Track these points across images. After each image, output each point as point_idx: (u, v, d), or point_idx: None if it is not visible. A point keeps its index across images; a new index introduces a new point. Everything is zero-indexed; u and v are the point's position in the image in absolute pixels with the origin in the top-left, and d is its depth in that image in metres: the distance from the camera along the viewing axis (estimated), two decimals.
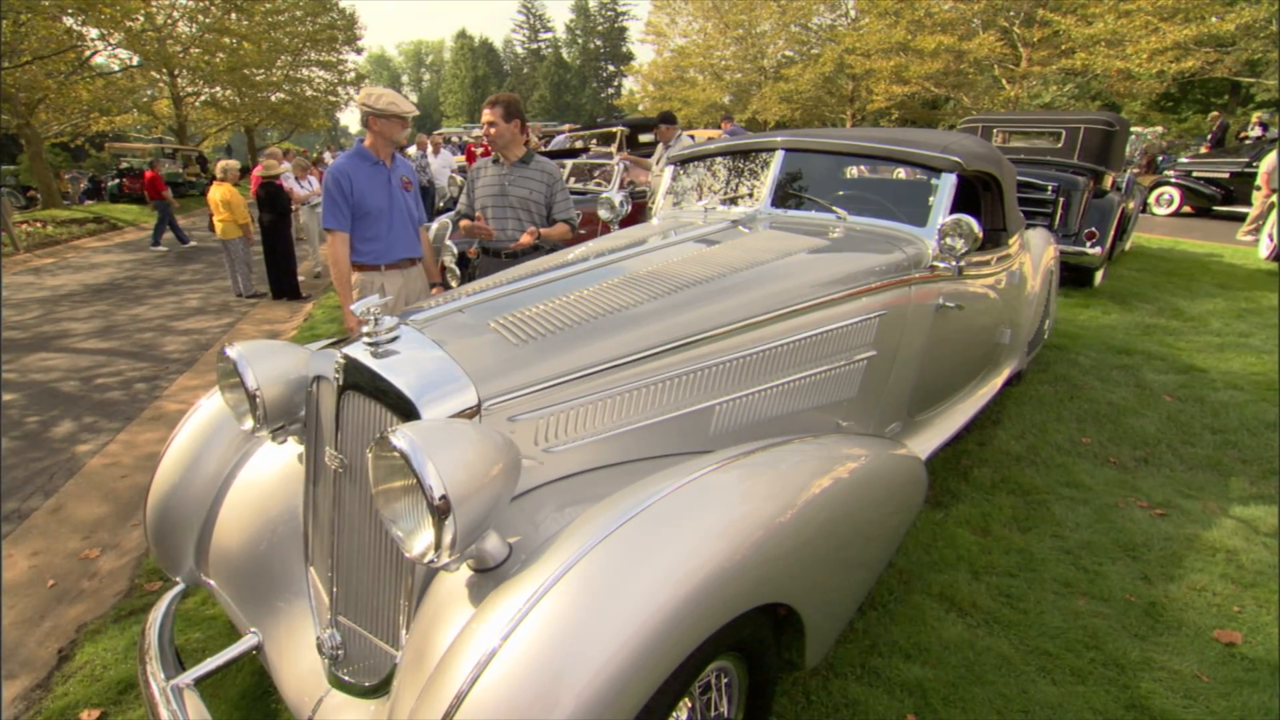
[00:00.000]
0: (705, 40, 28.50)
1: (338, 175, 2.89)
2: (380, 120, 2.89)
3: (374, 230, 3.00)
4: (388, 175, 3.01)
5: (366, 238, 3.00)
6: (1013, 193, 3.36)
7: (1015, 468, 3.15)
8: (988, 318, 3.13)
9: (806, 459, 1.69)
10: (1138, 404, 3.85)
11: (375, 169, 2.97)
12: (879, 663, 2.00)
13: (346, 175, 2.88)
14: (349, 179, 2.88)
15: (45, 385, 5.02)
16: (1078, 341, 4.95)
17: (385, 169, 3.00)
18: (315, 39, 24.54)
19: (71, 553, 2.94)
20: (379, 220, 2.97)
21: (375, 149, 2.96)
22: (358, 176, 2.90)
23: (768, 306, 1.99)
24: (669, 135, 6.12)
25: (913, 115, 24.35)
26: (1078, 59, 16.13)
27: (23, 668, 2.29)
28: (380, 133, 2.93)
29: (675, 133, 6.14)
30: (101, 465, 3.73)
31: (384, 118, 2.88)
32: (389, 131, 2.93)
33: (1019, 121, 7.45)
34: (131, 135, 24.79)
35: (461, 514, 1.13)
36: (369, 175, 2.94)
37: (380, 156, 2.97)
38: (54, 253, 11.86)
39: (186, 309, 7.40)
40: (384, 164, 2.99)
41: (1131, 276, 7.09)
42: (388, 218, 3.00)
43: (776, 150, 2.92)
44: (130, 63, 17.32)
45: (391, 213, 3.02)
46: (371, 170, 2.95)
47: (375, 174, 2.96)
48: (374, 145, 2.96)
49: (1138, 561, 2.47)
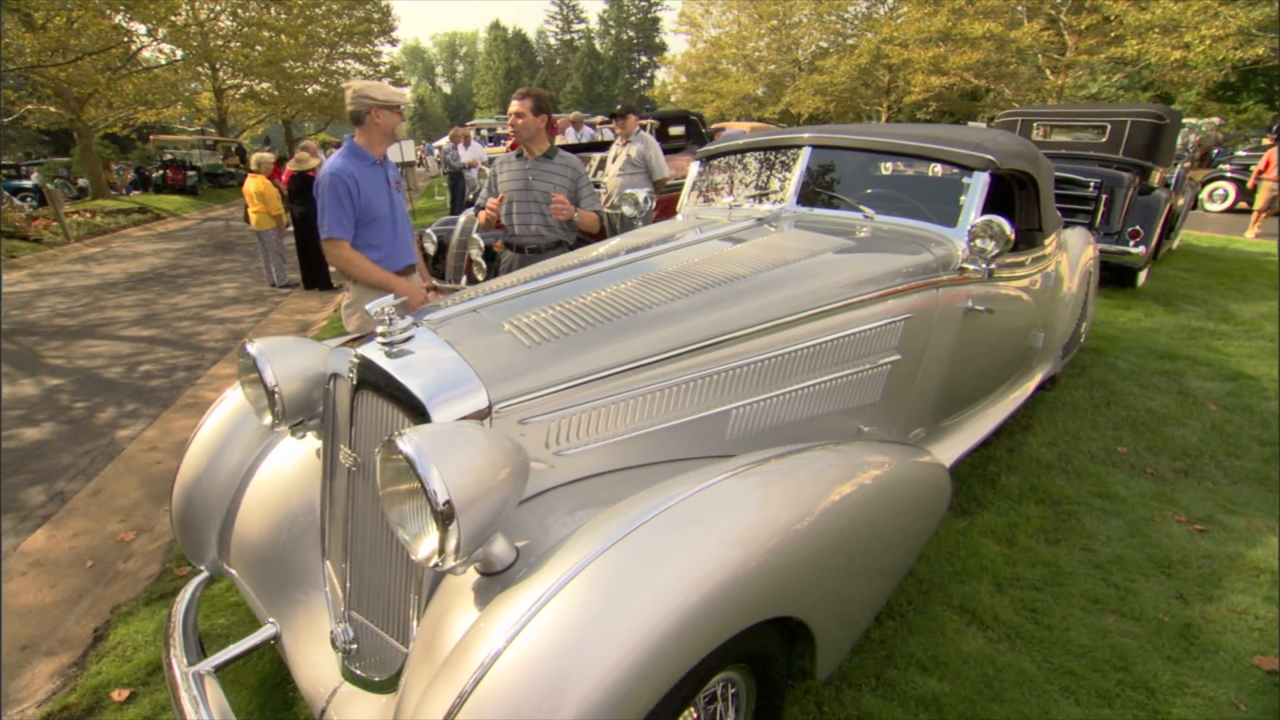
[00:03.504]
0: (739, 31, 28.18)
1: (343, 178, 2.59)
2: (383, 112, 2.66)
3: (379, 237, 2.76)
4: (385, 175, 2.79)
5: (372, 245, 2.75)
6: (1050, 191, 3.23)
7: (1045, 476, 3.05)
8: (1020, 320, 3.03)
9: (825, 466, 1.66)
10: (1180, 412, 3.69)
11: (374, 170, 2.73)
12: (894, 675, 1.96)
13: (351, 177, 2.61)
14: (354, 180, 2.62)
15: (90, 371, 5.22)
16: (1117, 345, 4.77)
17: (382, 169, 2.78)
18: (351, 32, 24.93)
19: (109, 535, 3.06)
20: (384, 226, 2.75)
21: (370, 146, 2.72)
22: (361, 178, 2.65)
23: (789, 309, 1.95)
24: (631, 128, 5.42)
25: (951, 107, 23.74)
26: (1129, 47, 15.47)
27: (62, 645, 2.39)
28: (381, 125, 2.68)
29: (635, 126, 5.46)
30: (139, 450, 3.87)
31: (387, 109, 2.66)
32: (389, 123, 2.70)
33: (1061, 115, 7.18)
34: (175, 127, 25.56)
35: (466, 519, 1.13)
36: (370, 176, 2.70)
37: (375, 154, 2.74)
38: (101, 242, 12.33)
39: (223, 298, 7.62)
40: (379, 163, 2.76)
41: (1178, 277, 6.80)
42: (391, 222, 2.79)
43: (803, 147, 2.87)
44: (174, 57, 17.81)
45: (395, 217, 2.81)
46: (371, 170, 2.71)
47: (375, 175, 2.73)
48: (369, 142, 2.71)
49: (1173, 579, 2.37)
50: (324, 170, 2.65)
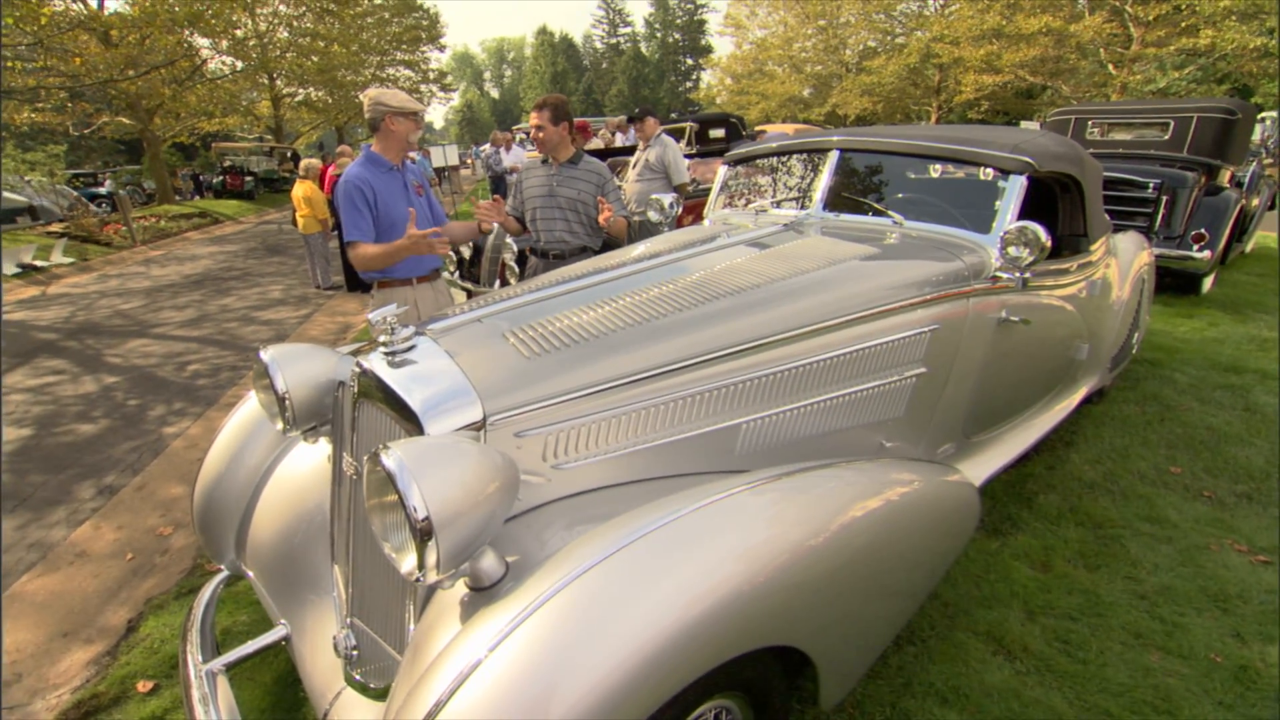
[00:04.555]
0: (785, 32, 27.88)
1: (359, 184, 2.63)
2: (398, 119, 2.67)
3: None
4: (403, 181, 2.80)
5: None
6: (1097, 194, 3.05)
7: (1088, 496, 2.87)
8: (1062, 331, 2.86)
9: (842, 484, 1.59)
10: (1244, 430, 3.43)
11: (391, 176, 2.74)
12: (911, 705, 1.86)
13: (368, 184, 2.65)
14: (370, 188, 2.65)
15: (144, 369, 5.49)
16: (1175, 356, 4.47)
17: (399, 174, 2.79)
18: (401, 39, 25.68)
19: (150, 529, 3.19)
20: (403, 231, 2.69)
21: (387, 153, 2.74)
22: (377, 184, 2.68)
23: (806, 319, 1.88)
24: (651, 132, 5.24)
25: (1004, 106, 22.89)
26: (1203, 36, 14.56)
27: (100, 634, 2.50)
28: (397, 133, 2.70)
29: (658, 129, 5.28)
30: (182, 447, 4.03)
31: (402, 115, 2.67)
32: (406, 131, 2.71)
33: (1117, 112, 6.80)
34: (236, 135, 26.78)
35: (446, 536, 1.12)
36: (387, 183, 2.72)
37: (392, 161, 2.76)
38: (164, 245, 12.99)
39: (270, 299, 7.91)
40: (397, 169, 2.78)
41: (1249, 283, 6.35)
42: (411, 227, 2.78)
43: (831, 150, 2.78)
44: (235, 68, 18.69)
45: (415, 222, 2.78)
46: (388, 177, 2.73)
47: (392, 181, 2.75)
48: (385, 149, 2.73)
49: (1229, 615, 2.18)
50: (341, 179, 2.71)
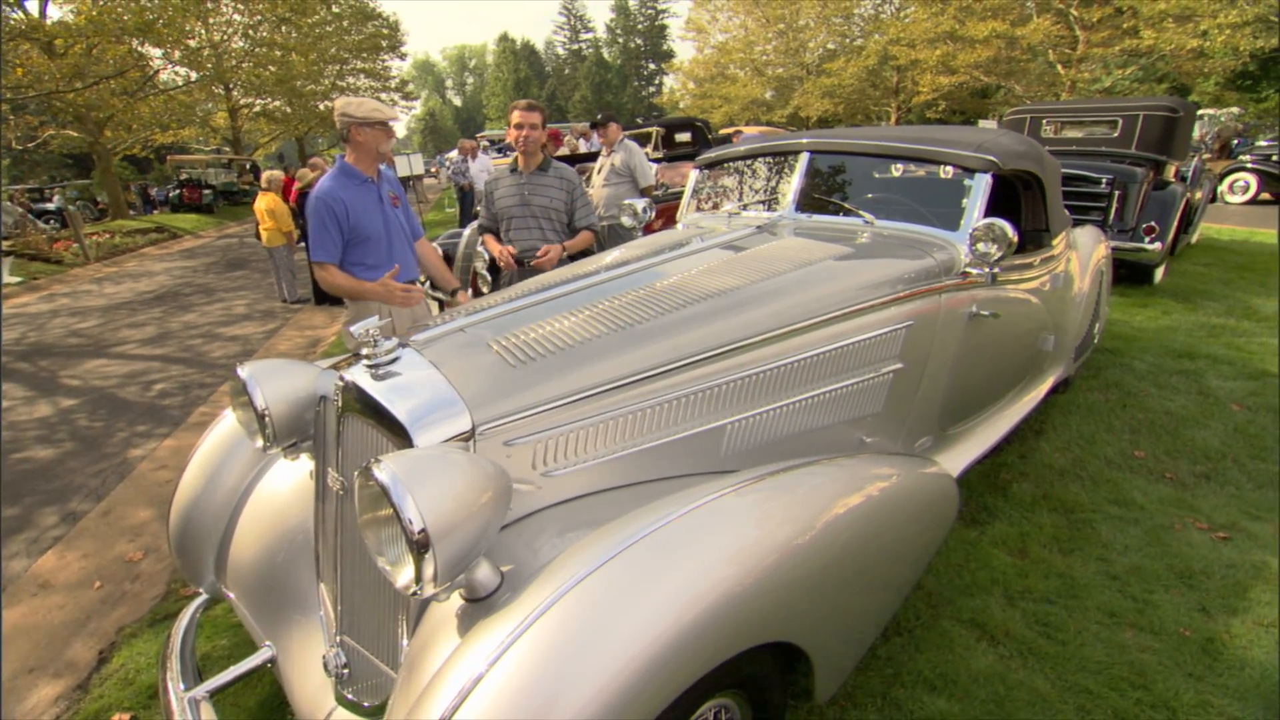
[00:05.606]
0: (746, 36, 28.23)
1: (329, 201, 2.60)
2: (364, 130, 2.62)
3: (374, 256, 2.74)
4: (378, 192, 2.76)
5: (368, 265, 2.74)
6: (1057, 190, 3.16)
7: (1059, 483, 2.96)
8: (1029, 324, 2.96)
9: (827, 480, 1.62)
10: (1200, 413, 3.58)
11: (364, 187, 2.71)
12: (901, 694, 1.90)
13: (339, 200, 2.61)
14: (341, 204, 2.61)
15: (104, 390, 5.29)
16: (1134, 345, 4.65)
17: (374, 185, 2.75)
18: (360, 48, 25.28)
19: (118, 556, 3.07)
20: (378, 244, 2.73)
21: (359, 164, 2.70)
22: (350, 199, 2.64)
23: (785, 320, 1.91)
24: (615, 137, 5.22)
25: (961, 105, 23.54)
26: (1144, 38, 15.23)
27: (67, 668, 2.40)
28: (364, 144, 2.66)
29: (621, 135, 5.27)
30: (149, 469, 3.90)
31: (368, 126, 2.62)
32: (374, 142, 2.67)
33: (1070, 111, 7.06)
34: (192, 147, 26.06)
35: (443, 548, 1.11)
36: (360, 196, 2.68)
37: (366, 172, 2.72)
38: (118, 262, 12.56)
39: (234, 315, 7.71)
40: (371, 180, 2.74)
41: (1197, 272, 6.64)
42: (385, 240, 2.76)
43: (801, 152, 2.83)
44: (189, 79, 18.19)
45: (389, 234, 2.78)
46: (361, 189, 2.69)
47: (365, 193, 2.71)
48: (358, 160, 2.70)
49: (1195, 591, 2.28)
50: (312, 193, 2.66)
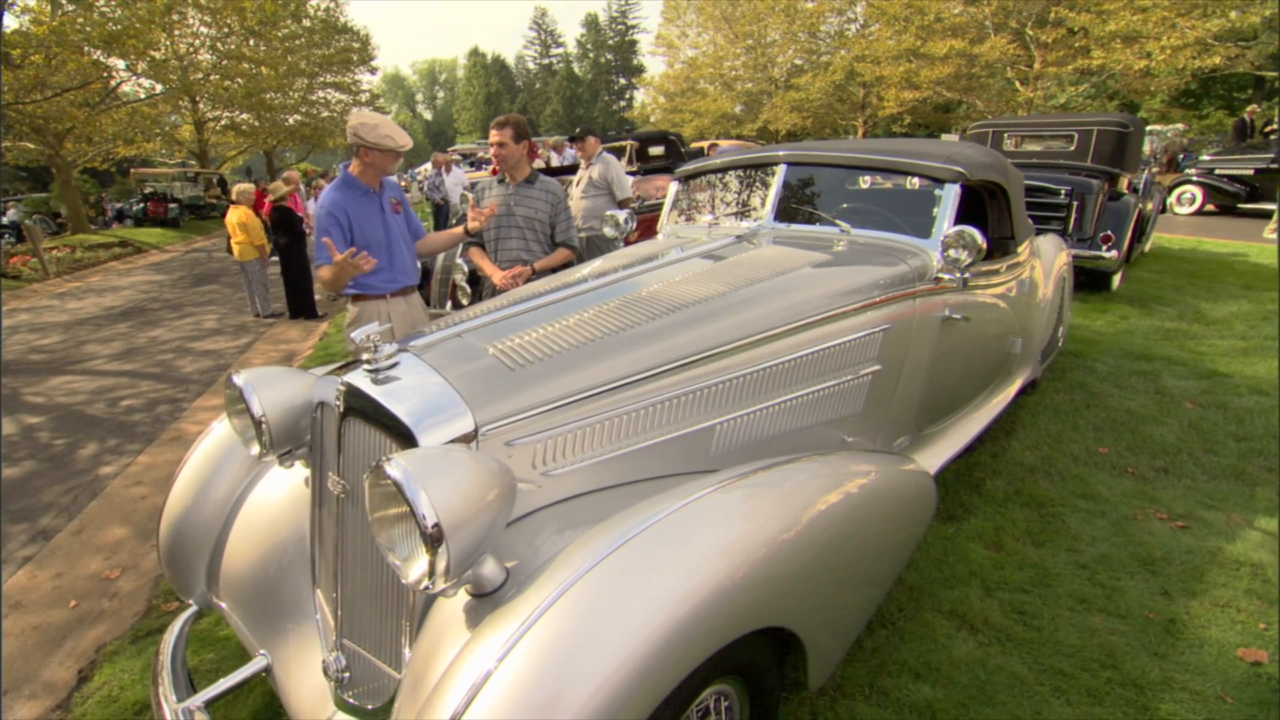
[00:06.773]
0: (715, 51, 28.67)
1: (333, 210, 2.71)
2: (373, 153, 2.71)
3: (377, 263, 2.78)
4: (380, 202, 2.85)
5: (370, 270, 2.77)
6: (1020, 200, 3.32)
7: (1029, 479, 3.09)
8: (997, 327, 3.09)
9: (811, 477, 1.68)
10: (1157, 411, 3.77)
11: (367, 197, 2.80)
12: (888, 682, 1.97)
13: (342, 209, 2.71)
14: (344, 213, 2.72)
15: (70, 407, 5.15)
16: (1095, 348, 4.87)
17: (376, 196, 2.84)
18: (330, 62, 25.04)
19: (93, 574, 3.00)
20: (380, 251, 2.80)
21: (364, 178, 2.79)
22: (352, 209, 2.74)
23: (768, 324, 1.99)
24: (593, 150, 5.21)
25: (925, 120, 24.25)
26: (1094, 57, 15.95)
27: (44, 689, 2.34)
28: (371, 164, 2.75)
29: (599, 148, 5.27)
30: (123, 486, 3.81)
31: (378, 150, 2.70)
32: (381, 163, 2.76)
33: (1030, 125, 7.38)
34: (157, 160, 25.46)
35: (455, 541, 1.14)
36: (362, 205, 2.78)
37: (370, 184, 2.81)
38: (80, 276, 12.19)
39: (205, 329, 7.56)
40: (374, 191, 2.83)
41: (1151, 279, 6.96)
42: (387, 247, 2.85)
43: (779, 164, 2.93)
44: (154, 91, 17.82)
45: (390, 242, 2.87)
46: (363, 199, 2.79)
47: (368, 203, 2.80)
48: (362, 174, 2.78)
49: (1157, 576, 2.41)
50: (318, 203, 2.75)
